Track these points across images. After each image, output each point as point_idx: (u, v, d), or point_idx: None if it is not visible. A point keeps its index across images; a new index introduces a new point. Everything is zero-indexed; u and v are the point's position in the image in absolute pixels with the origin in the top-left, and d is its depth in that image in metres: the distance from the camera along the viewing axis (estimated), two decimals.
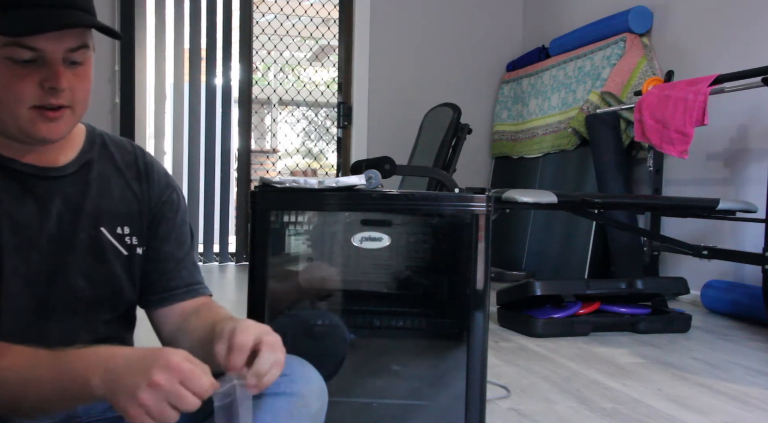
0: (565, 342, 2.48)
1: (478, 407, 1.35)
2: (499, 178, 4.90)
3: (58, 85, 0.90)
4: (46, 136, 0.92)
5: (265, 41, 5.49)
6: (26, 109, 0.90)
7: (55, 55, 0.90)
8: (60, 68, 0.90)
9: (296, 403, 0.93)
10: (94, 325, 1.01)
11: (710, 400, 1.82)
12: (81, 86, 0.94)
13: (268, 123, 7.74)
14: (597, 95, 3.79)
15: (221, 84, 4.81)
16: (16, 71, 0.89)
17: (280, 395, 0.91)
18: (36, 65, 0.89)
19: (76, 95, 0.93)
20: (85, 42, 0.92)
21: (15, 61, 0.88)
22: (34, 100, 0.90)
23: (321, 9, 5.88)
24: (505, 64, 5.06)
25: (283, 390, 0.92)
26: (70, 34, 0.90)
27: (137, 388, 0.74)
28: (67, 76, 0.91)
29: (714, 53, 3.38)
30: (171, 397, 0.74)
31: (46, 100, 0.90)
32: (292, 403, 0.92)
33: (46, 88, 0.90)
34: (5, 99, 0.90)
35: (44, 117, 0.91)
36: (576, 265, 3.68)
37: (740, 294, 2.96)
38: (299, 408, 0.93)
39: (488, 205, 1.34)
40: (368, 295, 1.46)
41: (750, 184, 3.11)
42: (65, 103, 0.92)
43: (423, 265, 1.45)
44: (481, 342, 1.34)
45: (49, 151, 0.97)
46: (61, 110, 0.92)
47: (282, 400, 0.92)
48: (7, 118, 0.91)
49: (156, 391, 0.74)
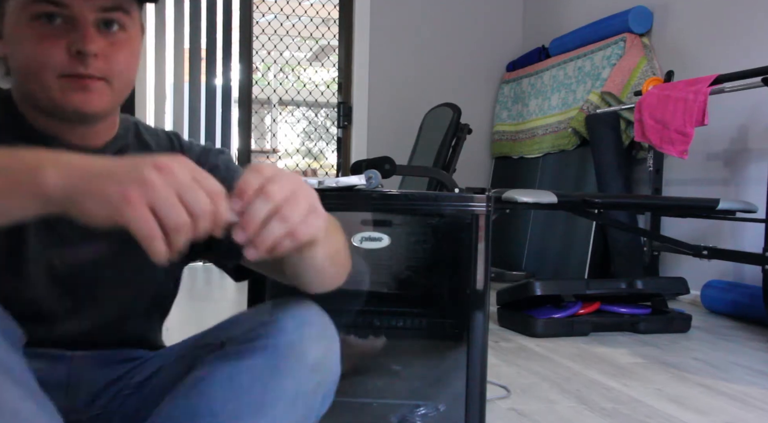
0: (565, 342, 2.48)
1: (478, 407, 1.35)
2: (499, 178, 4.90)
3: (85, 48, 0.78)
4: (79, 106, 0.81)
5: (265, 41, 5.49)
6: (54, 78, 0.80)
7: (83, 14, 0.79)
8: (89, 30, 0.79)
9: (285, 355, 0.76)
10: (126, 314, 0.94)
11: (710, 400, 1.82)
12: (118, 56, 0.83)
13: (268, 123, 7.74)
14: (597, 95, 3.79)
15: (221, 84, 4.81)
16: (41, 33, 0.79)
17: (260, 350, 0.76)
18: (64, 27, 0.79)
19: (111, 66, 0.82)
20: (120, 4, 0.82)
21: (40, 21, 0.79)
22: (61, 67, 0.79)
23: (321, 9, 5.88)
24: (505, 64, 5.06)
25: (266, 343, 0.76)
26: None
27: (127, 183, 0.59)
28: (98, 41, 0.80)
29: (714, 53, 3.37)
30: (182, 189, 0.59)
31: (74, 68, 0.79)
32: (278, 357, 0.76)
33: (73, 53, 0.79)
34: (32, 66, 0.80)
35: (76, 85, 0.80)
36: (576, 265, 3.68)
37: (740, 294, 2.96)
38: (289, 361, 0.76)
39: (488, 205, 1.34)
40: (368, 295, 1.46)
41: (750, 184, 3.11)
42: (97, 74, 0.81)
43: (423, 265, 1.45)
44: (481, 342, 1.34)
45: (90, 132, 0.88)
46: (94, 80, 0.81)
47: (265, 354, 0.76)
48: (37, 88, 0.81)
49: (155, 188, 0.59)
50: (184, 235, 0.60)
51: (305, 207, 0.67)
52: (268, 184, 0.65)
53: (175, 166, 0.60)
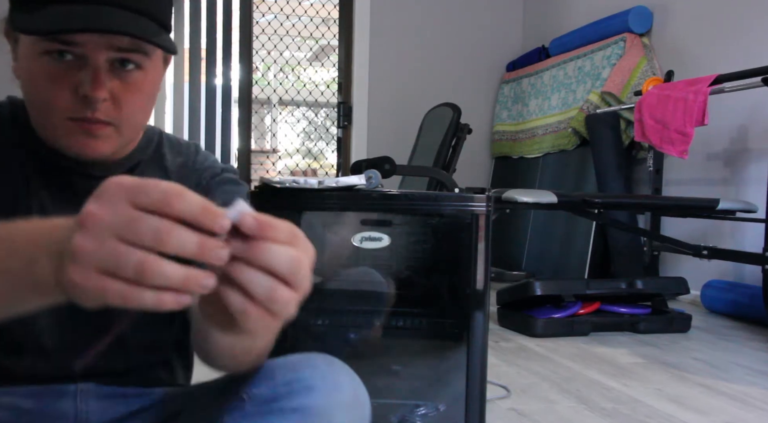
0: (565, 342, 2.48)
1: (478, 407, 1.35)
2: (499, 178, 4.90)
3: (93, 94, 0.72)
4: (81, 153, 0.76)
5: (265, 41, 5.48)
6: (61, 120, 0.74)
7: (95, 54, 0.72)
8: (100, 74, 0.72)
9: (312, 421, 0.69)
10: (133, 345, 0.87)
11: (710, 400, 1.82)
12: (130, 99, 0.76)
13: (268, 123, 7.74)
14: (597, 95, 3.79)
15: (221, 84, 4.82)
16: (50, 71, 0.72)
17: (287, 413, 0.69)
18: (75, 64, 0.72)
19: (121, 110, 0.75)
20: (139, 46, 0.74)
21: (51, 56, 0.72)
22: (67, 111, 0.73)
23: (321, 9, 5.87)
24: (505, 64, 5.06)
25: (292, 405, 0.69)
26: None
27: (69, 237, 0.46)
28: (111, 84, 0.74)
29: (714, 53, 3.38)
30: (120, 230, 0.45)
31: (81, 113, 0.73)
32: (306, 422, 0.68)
33: (80, 96, 0.73)
34: (39, 105, 0.75)
35: (82, 130, 0.74)
36: (576, 265, 3.68)
37: (740, 294, 2.96)
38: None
39: (488, 205, 1.34)
40: (368, 295, 1.46)
41: (750, 184, 3.11)
42: (104, 119, 0.74)
43: (423, 265, 1.45)
44: (481, 342, 1.34)
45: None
46: (101, 126, 0.75)
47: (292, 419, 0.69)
48: (44, 125, 0.77)
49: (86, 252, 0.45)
50: (161, 272, 0.45)
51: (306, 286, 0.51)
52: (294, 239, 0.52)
53: (102, 206, 0.46)
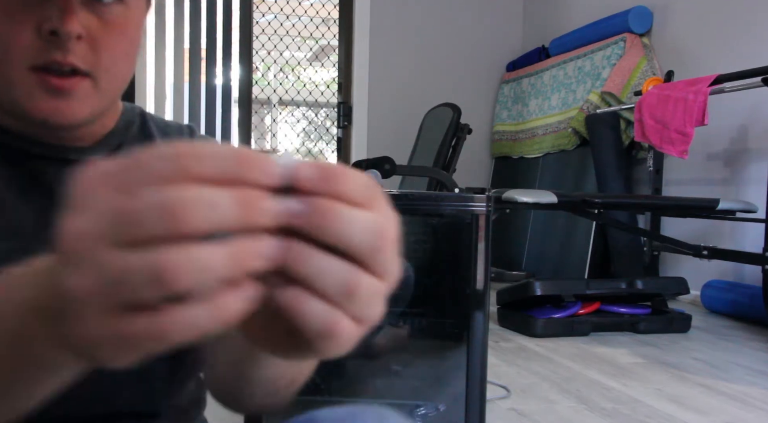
0: (565, 342, 2.48)
1: (478, 407, 1.35)
2: (499, 178, 4.90)
3: (63, 28, 0.54)
4: (50, 118, 0.56)
5: (265, 41, 5.49)
6: (23, 71, 0.55)
7: None
8: (73, 3, 0.55)
9: None
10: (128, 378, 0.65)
11: (710, 400, 1.82)
12: (111, 41, 0.57)
13: (268, 123, 7.74)
14: (597, 95, 3.80)
15: (221, 84, 4.82)
16: (7, 6, 0.54)
17: None
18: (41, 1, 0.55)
19: (100, 55, 0.57)
20: None
21: None
22: (29, 56, 0.55)
23: (321, 9, 5.87)
24: (505, 64, 5.06)
25: None
26: None
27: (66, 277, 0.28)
28: (86, 20, 0.55)
29: (714, 53, 3.38)
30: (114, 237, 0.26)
31: (47, 56, 0.55)
32: None
33: (45, 34, 0.54)
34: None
35: (50, 87, 0.55)
36: (576, 265, 3.68)
37: (740, 294, 2.96)
38: None
39: (488, 205, 1.34)
40: None
41: (750, 184, 3.11)
42: (79, 65, 0.56)
43: (423, 265, 1.45)
44: (481, 342, 1.34)
45: (74, 134, 0.63)
46: (73, 78, 0.56)
47: None
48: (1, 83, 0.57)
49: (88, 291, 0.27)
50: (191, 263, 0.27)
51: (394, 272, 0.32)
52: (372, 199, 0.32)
53: (82, 215, 0.27)
